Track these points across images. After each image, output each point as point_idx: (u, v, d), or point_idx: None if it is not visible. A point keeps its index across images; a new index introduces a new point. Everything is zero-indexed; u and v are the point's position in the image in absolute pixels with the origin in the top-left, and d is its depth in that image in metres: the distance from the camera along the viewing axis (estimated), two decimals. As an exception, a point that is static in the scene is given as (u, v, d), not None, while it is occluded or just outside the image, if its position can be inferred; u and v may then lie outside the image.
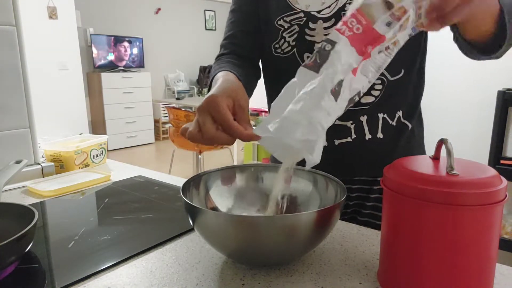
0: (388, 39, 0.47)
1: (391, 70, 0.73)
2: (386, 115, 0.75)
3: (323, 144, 0.47)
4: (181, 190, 0.53)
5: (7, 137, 0.94)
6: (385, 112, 0.75)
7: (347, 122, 0.74)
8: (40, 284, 0.49)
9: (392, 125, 0.76)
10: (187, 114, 3.31)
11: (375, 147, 0.75)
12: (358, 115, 0.74)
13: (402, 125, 0.77)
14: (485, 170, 0.42)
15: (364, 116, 0.74)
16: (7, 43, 0.92)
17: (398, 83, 0.74)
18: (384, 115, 0.75)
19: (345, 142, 0.75)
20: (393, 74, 0.74)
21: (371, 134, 0.75)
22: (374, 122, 0.75)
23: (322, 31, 0.71)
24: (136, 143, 5.70)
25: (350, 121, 0.74)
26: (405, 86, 0.75)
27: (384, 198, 0.46)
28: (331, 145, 0.76)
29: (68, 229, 0.65)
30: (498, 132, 2.09)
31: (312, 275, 0.50)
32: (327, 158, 0.73)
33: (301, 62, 0.75)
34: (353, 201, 0.80)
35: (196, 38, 6.88)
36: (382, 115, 0.75)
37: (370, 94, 0.73)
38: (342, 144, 0.75)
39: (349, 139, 0.75)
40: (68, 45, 4.22)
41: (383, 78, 0.73)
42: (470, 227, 0.39)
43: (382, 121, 0.75)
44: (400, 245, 0.43)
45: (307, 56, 0.74)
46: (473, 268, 0.40)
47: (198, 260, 0.55)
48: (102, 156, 1.12)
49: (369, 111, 0.74)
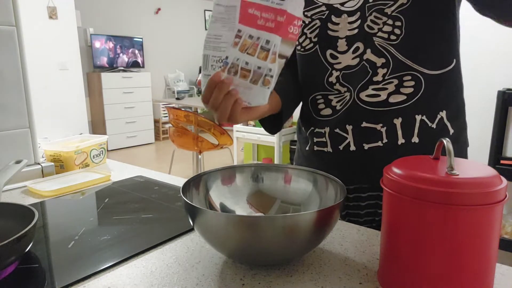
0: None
1: (429, 63, 0.66)
2: (425, 116, 0.68)
3: None
4: (181, 190, 0.53)
5: (7, 137, 0.94)
6: (424, 113, 0.68)
7: (376, 125, 0.69)
8: (40, 284, 0.49)
9: (431, 128, 0.68)
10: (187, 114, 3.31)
11: (409, 153, 0.68)
12: (390, 117, 0.68)
13: (443, 128, 0.69)
14: (485, 170, 0.42)
15: (398, 119, 0.68)
16: (7, 43, 0.92)
17: (439, 79, 0.67)
18: (423, 116, 0.68)
19: (375, 146, 0.69)
20: (432, 68, 0.66)
21: (404, 138, 0.68)
22: (409, 125, 0.68)
23: (347, 25, 0.67)
24: (136, 143, 5.70)
25: (380, 124, 0.68)
26: (449, 82, 0.68)
27: (384, 198, 0.46)
28: (360, 149, 0.71)
29: (68, 229, 0.65)
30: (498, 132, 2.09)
31: (312, 275, 0.50)
32: (356, 162, 0.72)
33: (324, 59, 0.71)
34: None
35: (196, 38, 6.88)
36: (420, 116, 0.68)
37: (399, 92, 0.67)
38: (371, 149, 0.70)
39: (380, 143, 0.69)
40: (68, 45, 4.22)
41: (415, 74, 0.66)
42: (470, 227, 0.39)
43: (419, 123, 0.68)
44: (400, 245, 0.43)
45: (330, 54, 0.71)
46: (473, 268, 0.40)
47: (198, 260, 0.55)
48: (102, 156, 1.12)
49: (404, 113, 0.67)
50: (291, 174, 0.65)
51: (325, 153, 0.75)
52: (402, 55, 0.65)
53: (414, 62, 0.66)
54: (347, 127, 0.71)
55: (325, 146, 0.75)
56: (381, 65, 0.66)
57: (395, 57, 0.66)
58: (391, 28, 0.65)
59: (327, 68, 0.71)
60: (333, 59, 0.70)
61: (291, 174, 0.65)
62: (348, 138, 0.71)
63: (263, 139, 3.52)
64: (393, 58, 0.66)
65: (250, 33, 0.53)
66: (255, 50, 0.53)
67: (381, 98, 0.68)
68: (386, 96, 0.67)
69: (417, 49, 0.65)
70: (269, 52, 0.53)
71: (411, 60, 0.66)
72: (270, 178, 0.66)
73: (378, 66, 0.66)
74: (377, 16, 0.65)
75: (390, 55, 0.66)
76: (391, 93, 0.67)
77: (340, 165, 0.74)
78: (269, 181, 0.66)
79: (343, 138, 0.72)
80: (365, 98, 0.68)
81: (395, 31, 0.65)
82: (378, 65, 0.66)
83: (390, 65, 0.66)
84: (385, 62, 0.66)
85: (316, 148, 0.77)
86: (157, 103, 5.95)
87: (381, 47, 0.66)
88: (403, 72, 0.66)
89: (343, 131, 0.72)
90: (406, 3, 0.63)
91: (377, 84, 0.67)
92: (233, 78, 0.55)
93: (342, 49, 0.69)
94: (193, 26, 6.82)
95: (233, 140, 3.48)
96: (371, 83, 0.68)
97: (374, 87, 0.68)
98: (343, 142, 0.72)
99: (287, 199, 0.64)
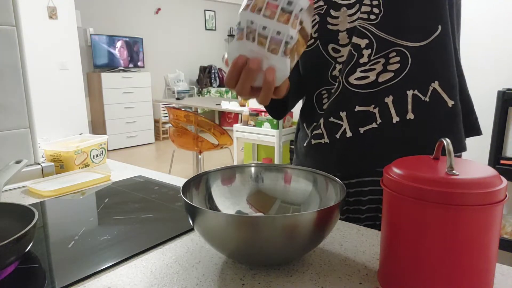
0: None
1: (411, 36, 0.64)
2: (417, 90, 0.66)
3: None
4: (181, 190, 0.53)
5: (7, 137, 0.94)
6: (414, 87, 0.66)
7: (369, 107, 0.68)
8: (40, 284, 0.49)
9: (425, 101, 0.66)
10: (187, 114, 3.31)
11: (406, 130, 0.67)
12: (381, 96, 0.67)
13: (438, 100, 0.66)
14: (485, 170, 0.42)
15: (389, 97, 0.66)
16: (7, 43, 0.92)
17: (426, 49, 0.65)
18: (414, 91, 0.66)
19: (370, 128, 0.68)
20: (415, 40, 0.65)
21: (399, 116, 0.67)
22: (401, 101, 0.66)
23: (346, 18, 0.67)
24: (136, 143, 5.70)
25: (372, 105, 0.67)
26: (437, 50, 0.65)
27: (384, 198, 0.46)
28: (356, 133, 0.69)
29: (68, 229, 0.65)
30: (498, 132, 2.08)
31: (312, 275, 0.50)
32: (354, 148, 0.71)
33: (326, 54, 0.71)
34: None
35: (196, 38, 6.88)
36: (411, 92, 0.66)
37: (386, 70, 0.66)
38: (367, 132, 0.69)
39: (374, 125, 0.68)
40: (68, 45, 4.22)
41: (399, 49, 0.65)
42: (470, 227, 0.39)
43: (411, 98, 0.66)
44: (400, 245, 0.43)
45: (332, 48, 0.70)
46: (473, 268, 0.40)
47: (198, 260, 0.55)
48: (102, 156, 1.12)
49: (393, 90, 0.66)
50: (291, 174, 0.65)
51: (323, 145, 0.74)
52: (383, 33, 0.65)
53: (396, 38, 0.65)
54: (341, 114, 0.70)
55: (322, 137, 0.74)
56: (365, 46, 0.66)
57: (377, 36, 0.65)
58: (369, 8, 0.64)
59: (330, 62, 0.71)
60: (335, 53, 0.70)
61: (291, 174, 0.65)
62: (343, 124, 0.70)
63: (263, 139, 3.52)
64: (375, 37, 0.65)
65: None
66: (274, 12, 0.45)
67: (370, 79, 0.67)
68: (375, 77, 0.67)
69: (398, 24, 0.64)
70: (291, 15, 0.44)
71: (393, 36, 0.65)
72: (270, 178, 0.66)
73: (362, 47, 0.66)
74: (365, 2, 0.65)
75: (372, 34, 0.65)
76: (379, 73, 0.67)
77: (339, 155, 0.73)
78: (269, 181, 0.66)
79: (339, 126, 0.71)
80: (354, 81, 0.68)
81: (373, 10, 0.64)
82: (362, 46, 0.66)
83: (374, 45, 0.66)
84: (369, 43, 0.66)
85: (313, 142, 0.76)
86: (157, 103, 5.95)
87: (362, 28, 0.65)
88: (388, 50, 0.65)
89: (337, 119, 0.71)
90: None
91: (364, 66, 0.67)
92: (250, 46, 0.46)
93: (343, 42, 0.69)
94: (193, 26, 6.83)
95: (233, 140, 3.48)
96: (358, 65, 0.67)
97: (361, 69, 0.67)
98: (339, 130, 0.71)
99: (287, 199, 0.64)
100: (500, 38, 2.18)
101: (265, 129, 3.49)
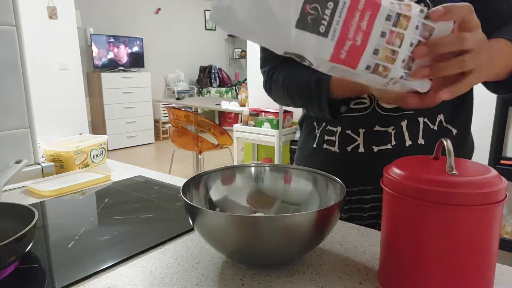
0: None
1: None
2: (427, 119, 0.71)
3: None
4: (181, 190, 0.53)
5: (7, 137, 0.94)
6: (425, 116, 0.71)
7: (388, 128, 0.71)
8: (40, 284, 0.49)
9: (433, 129, 0.72)
10: (187, 114, 3.31)
11: (416, 154, 0.70)
12: (398, 120, 0.71)
13: (444, 129, 0.72)
14: (485, 170, 0.42)
15: (404, 121, 0.71)
16: (7, 43, 0.92)
17: None
18: (425, 119, 0.71)
19: (384, 149, 0.72)
20: None
21: (411, 140, 0.71)
22: (414, 127, 0.71)
23: None
24: (136, 143, 5.70)
25: (392, 127, 0.71)
26: None
27: (384, 198, 0.46)
28: (369, 151, 0.73)
29: (68, 229, 0.65)
30: (498, 132, 2.09)
31: (312, 275, 0.50)
32: (363, 164, 0.73)
33: None
34: None
35: (196, 38, 6.88)
36: (422, 119, 0.71)
37: None
38: (381, 151, 0.72)
39: (389, 146, 0.72)
40: (68, 45, 4.22)
41: None
42: (470, 227, 0.39)
43: (423, 125, 0.71)
44: (400, 245, 0.43)
45: None
46: (473, 268, 0.40)
47: (198, 260, 0.55)
48: (102, 156, 1.12)
49: (409, 116, 0.71)
50: (291, 174, 0.65)
51: (332, 153, 0.76)
52: None
53: None
54: (360, 130, 0.73)
55: (333, 145, 0.76)
56: None
57: None
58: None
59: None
60: None
61: (291, 174, 0.65)
62: (358, 140, 0.73)
63: (263, 139, 3.52)
64: None
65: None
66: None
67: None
68: None
69: None
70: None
71: None
72: (270, 178, 0.66)
73: None
74: None
75: None
76: None
77: (345, 166, 0.75)
78: (269, 181, 0.66)
79: (353, 140, 0.74)
80: (385, 105, 0.71)
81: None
82: None
83: None
84: None
85: (325, 146, 0.78)
86: (157, 103, 5.95)
87: None
88: None
89: (354, 134, 0.73)
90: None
91: None
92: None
93: None
94: (193, 26, 6.82)
95: (233, 140, 3.48)
96: None
97: None
98: (352, 144, 0.74)
99: (287, 199, 0.64)
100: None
101: (265, 129, 3.49)
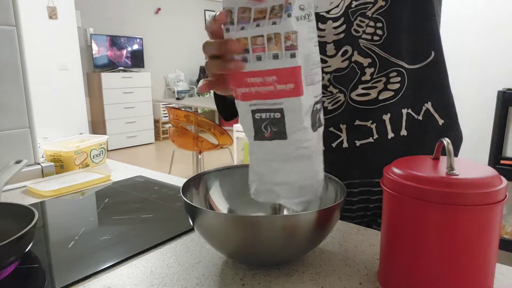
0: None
1: (408, 58, 0.69)
2: (411, 109, 0.71)
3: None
4: (181, 190, 0.53)
5: (7, 137, 0.94)
6: (409, 106, 0.71)
7: (367, 122, 0.71)
8: (40, 284, 0.49)
9: (418, 120, 0.71)
10: (187, 114, 3.31)
11: (399, 146, 0.71)
12: (380, 113, 0.71)
13: (430, 118, 0.72)
14: (485, 170, 0.42)
15: (387, 114, 0.71)
16: (7, 43, 0.92)
17: (420, 72, 0.69)
18: (408, 110, 0.71)
19: (366, 142, 0.72)
20: (411, 62, 0.69)
21: (394, 132, 0.71)
22: (397, 119, 0.71)
23: (332, 31, 0.70)
24: (136, 143, 5.70)
25: (370, 121, 0.71)
26: (430, 74, 0.70)
27: (384, 198, 0.46)
28: (352, 145, 0.73)
29: (68, 229, 0.65)
30: (498, 132, 2.09)
31: (312, 275, 0.50)
32: (348, 159, 0.74)
33: None
34: (374, 204, 0.76)
35: (196, 38, 6.88)
36: (406, 110, 0.71)
37: (387, 89, 0.70)
38: (363, 145, 0.72)
39: (371, 139, 0.72)
40: (68, 45, 4.22)
41: (399, 69, 0.69)
42: (470, 227, 0.39)
43: (406, 117, 0.71)
44: (400, 245, 0.43)
45: (320, 58, 0.70)
46: (473, 268, 0.40)
47: (198, 260, 0.55)
48: (102, 156, 1.12)
49: (391, 108, 0.70)
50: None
51: None
52: (386, 53, 0.69)
53: (397, 58, 0.69)
54: (341, 126, 0.74)
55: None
56: (368, 64, 0.70)
57: (380, 56, 0.69)
58: (373, 29, 0.68)
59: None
60: (323, 63, 0.73)
61: (291, 174, 0.65)
62: (342, 136, 0.74)
63: (263, 139, 3.51)
64: (378, 57, 0.69)
65: None
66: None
67: (371, 96, 0.71)
68: (376, 94, 0.71)
69: (397, 46, 0.69)
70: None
71: (394, 56, 0.69)
72: (270, 178, 0.66)
73: (365, 66, 0.70)
74: (361, 20, 0.68)
75: (375, 54, 0.69)
76: (380, 91, 0.70)
77: (332, 162, 0.75)
78: (269, 181, 0.66)
79: (337, 136, 0.74)
80: (356, 97, 0.71)
81: (377, 32, 0.68)
82: (365, 65, 0.70)
83: (376, 64, 0.69)
84: (371, 62, 0.69)
85: None
86: (157, 103, 5.95)
87: (366, 48, 0.69)
88: (389, 69, 0.69)
89: (337, 130, 0.74)
90: (384, 5, 0.66)
91: (366, 83, 0.70)
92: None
93: (330, 53, 0.72)
94: (193, 26, 6.82)
95: (233, 140, 3.48)
96: (360, 83, 0.71)
97: (363, 86, 0.71)
98: (336, 140, 0.75)
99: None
100: (500, 38, 2.18)
101: (265, 129, 3.47)
